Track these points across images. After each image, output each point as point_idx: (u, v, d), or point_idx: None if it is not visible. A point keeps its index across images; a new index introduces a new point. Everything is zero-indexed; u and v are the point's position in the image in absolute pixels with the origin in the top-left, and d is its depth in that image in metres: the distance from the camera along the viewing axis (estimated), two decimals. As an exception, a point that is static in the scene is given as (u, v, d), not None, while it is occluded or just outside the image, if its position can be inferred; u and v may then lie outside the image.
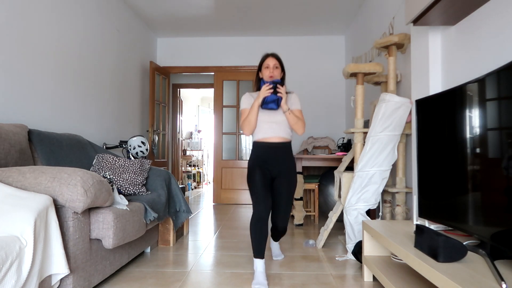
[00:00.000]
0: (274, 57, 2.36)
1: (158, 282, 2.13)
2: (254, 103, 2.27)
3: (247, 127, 2.29)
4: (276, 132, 2.28)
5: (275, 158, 2.28)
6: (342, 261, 2.54)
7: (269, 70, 2.31)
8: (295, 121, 2.28)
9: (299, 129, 2.30)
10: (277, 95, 2.24)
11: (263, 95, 2.23)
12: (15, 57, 2.59)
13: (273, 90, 2.24)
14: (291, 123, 2.28)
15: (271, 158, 2.28)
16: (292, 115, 2.28)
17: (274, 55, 2.36)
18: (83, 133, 3.48)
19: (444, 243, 1.35)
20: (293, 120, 2.28)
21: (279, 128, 2.29)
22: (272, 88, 2.24)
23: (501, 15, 1.68)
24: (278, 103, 2.26)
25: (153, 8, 4.53)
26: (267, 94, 2.22)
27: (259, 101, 2.25)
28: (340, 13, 4.62)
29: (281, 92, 2.24)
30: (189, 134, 8.90)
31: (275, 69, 2.32)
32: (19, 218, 1.41)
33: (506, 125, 1.30)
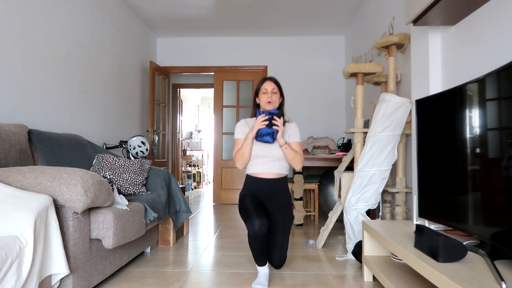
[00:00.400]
0: (273, 81, 2.22)
1: (158, 282, 2.13)
2: (248, 135, 2.12)
3: (240, 161, 2.16)
4: (270, 168, 2.15)
5: (268, 194, 2.19)
6: (342, 261, 2.54)
7: (267, 96, 2.17)
8: (292, 156, 2.14)
9: (297, 164, 2.17)
10: (272, 128, 2.08)
11: (257, 126, 2.08)
12: (15, 57, 2.59)
13: (269, 122, 2.08)
14: (288, 158, 2.15)
15: (264, 193, 2.19)
16: (289, 149, 2.12)
17: (273, 79, 2.23)
18: (83, 133, 3.48)
19: (444, 243, 1.35)
20: (289, 155, 2.13)
21: (274, 164, 2.16)
22: (268, 119, 2.08)
23: (501, 15, 1.68)
24: (273, 136, 2.11)
25: (153, 8, 4.53)
26: (262, 127, 2.08)
27: (253, 133, 2.11)
28: (340, 13, 4.63)
29: (278, 124, 2.08)
30: (189, 134, 8.90)
31: (273, 94, 2.18)
32: (19, 218, 1.41)
33: (506, 125, 1.30)
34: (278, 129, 2.09)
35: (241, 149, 2.14)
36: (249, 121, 2.28)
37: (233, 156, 2.19)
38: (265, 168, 2.15)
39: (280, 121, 2.09)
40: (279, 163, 2.17)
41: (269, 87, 2.20)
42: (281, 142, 2.11)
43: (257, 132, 2.10)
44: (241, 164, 2.15)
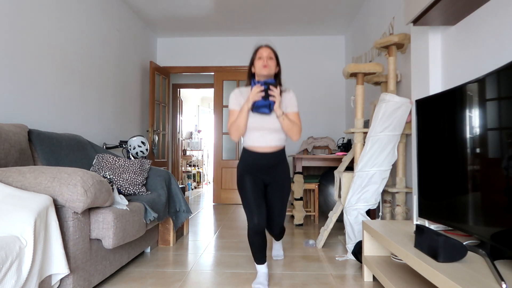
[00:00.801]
0: (268, 47, 2.09)
1: (158, 282, 2.13)
2: (244, 107, 2.00)
3: (234, 133, 2.04)
4: (267, 140, 2.05)
5: (266, 167, 2.09)
6: (342, 261, 2.54)
7: (263, 61, 2.04)
8: (290, 127, 2.02)
9: (294, 135, 2.05)
10: (269, 99, 1.98)
11: (253, 98, 1.97)
12: (15, 57, 2.59)
13: (265, 93, 1.96)
14: (285, 129, 2.03)
15: (262, 167, 2.09)
16: (286, 120, 2.01)
17: (268, 45, 2.10)
18: (83, 133, 3.48)
19: (444, 243, 1.35)
20: (287, 126, 2.02)
21: (271, 136, 2.05)
22: (264, 90, 1.96)
23: (501, 15, 1.68)
24: (270, 107, 1.99)
25: (153, 8, 4.53)
26: (258, 98, 1.96)
27: (249, 105, 1.99)
28: (340, 13, 4.63)
29: (274, 95, 1.97)
30: (189, 134, 8.90)
31: (269, 60, 2.05)
32: (19, 218, 1.41)
33: (506, 125, 1.30)
34: (275, 99, 1.98)
35: (236, 121, 2.01)
36: (243, 91, 2.13)
37: (227, 128, 2.08)
38: (262, 141, 2.05)
39: (276, 91, 1.97)
40: (276, 135, 2.06)
41: (264, 52, 2.07)
42: (278, 113, 1.99)
43: (253, 103, 1.98)
44: (236, 136, 2.04)
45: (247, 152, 2.11)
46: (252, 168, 2.09)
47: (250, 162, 2.09)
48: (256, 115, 2.04)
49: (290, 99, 2.11)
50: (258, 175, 2.10)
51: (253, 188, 2.03)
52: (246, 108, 1.99)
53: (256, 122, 2.04)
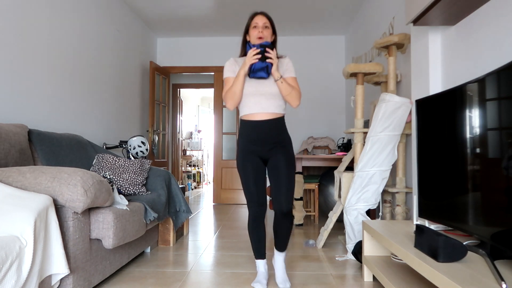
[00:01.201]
0: (264, 15, 1.98)
1: (158, 282, 2.13)
2: (240, 72, 1.89)
3: (230, 101, 1.92)
4: (264, 107, 1.91)
5: (265, 138, 1.94)
6: (342, 261, 2.54)
7: (258, 30, 1.93)
8: (289, 91, 1.90)
9: (294, 100, 1.93)
10: (266, 62, 1.86)
11: (249, 61, 1.85)
12: (15, 57, 2.59)
13: (261, 55, 1.84)
14: (284, 93, 1.91)
15: (260, 139, 1.94)
16: (284, 84, 1.89)
17: (264, 13, 1.98)
18: (83, 133, 3.48)
19: (444, 243, 1.35)
20: (286, 90, 1.90)
21: (268, 102, 1.91)
22: (260, 53, 1.84)
23: (501, 15, 1.68)
24: (268, 70, 1.88)
25: (153, 8, 4.53)
26: (254, 61, 1.85)
27: (245, 69, 1.87)
28: (340, 13, 4.63)
29: (271, 57, 1.86)
30: (189, 134, 8.90)
31: (264, 29, 1.94)
32: (19, 218, 1.41)
33: (506, 125, 1.30)
34: (272, 62, 1.87)
35: (232, 87, 1.90)
36: (239, 60, 2.04)
37: (223, 96, 1.97)
38: (260, 107, 1.91)
39: (273, 53, 1.87)
40: (275, 101, 1.93)
41: (260, 21, 1.95)
42: (276, 76, 1.88)
43: (250, 67, 1.87)
44: (232, 104, 1.92)
45: (244, 123, 1.98)
46: (251, 142, 1.96)
47: (248, 134, 1.96)
48: (252, 81, 1.93)
49: (287, 63, 2.01)
50: (258, 152, 1.97)
51: (253, 171, 1.95)
52: (243, 73, 1.88)
53: (253, 87, 1.92)
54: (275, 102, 1.93)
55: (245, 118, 1.97)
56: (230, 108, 1.94)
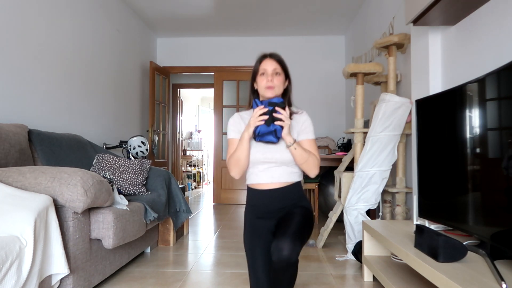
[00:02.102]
0: (274, 59, 1.63)
1: (158, 282, 2.13)
2: (244, 135, 1.56)
3: (234, 168, 1.60)
4: (275, 176, 1.59)
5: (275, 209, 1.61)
6: (342, 261, 2.54)
7: (267, 78, 1.59)
8: (304, 159, 1.55)
9: (310, 169, 1.58)
10: (274, 125, 1.52)
11: (254, 124, 1.52)
12: (15, 57, 2.59)
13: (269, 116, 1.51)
14: (298, 162, 1.57)
15: (269, 210, 1.61)
16: (299, 150, 1.54)
17: (274, 56, 1.64)
18: (83, 133, 3.48)
19: (444, 243, 1.35)
20: (300, 158, 1.55)
21: (279, 171, 1.59)
22: (268, 113, 1.51)
23: (501, 15, 1.68)
24: (277, 134, 1.53)
25: (153, 8, 4.53)
26: (260, 123, 1.52)
27: (250, 132, 1.54)
28: (340, 13, 4.62)
29: (282, 118, 1.50)
30: (189, 134, 8.90)
31: (275, 76, 1.60)
32: (19, 218, 1.41)
33: (506, 125, 1.30)
34: (283, 124, 1.51)
35: (235, 153, 1.59)
36: (244, 115, 1.73)
37: (227, 162, 1.64)
38: (268, 177, 1.60)
39: (285, 113, 1.51)
40: (287, 169, 1.60)
41: (269, 67, 1.61)
42: (288, 141, 1.54)
43: (255, 130, 1.54)
44: (236, 172, 1.61)
45: (252, 191, 1.66)
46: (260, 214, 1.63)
47: (256, 203, 1.64)
48: (260, 145, 1.60)
49: (304, 122, 1.67)
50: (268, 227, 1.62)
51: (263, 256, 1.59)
52: (247, 136, 1.55)
53: (260, 153, 1.59)
54: (288, 169, 1.61)
55: (252, 186, 1.66)
56: (235, 176, 1.62)
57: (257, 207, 1.64)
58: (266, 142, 1.58)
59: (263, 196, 1.61)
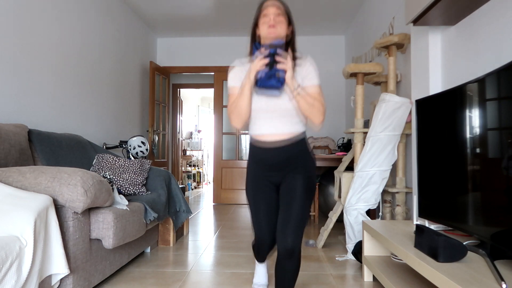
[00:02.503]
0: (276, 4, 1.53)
1: (158, 282, 2.13)
2: (244, 82, 1.49)
3: (236, 119, 1.53)
4: (278, 127, 1.52)
5: (280, 163, 1.56)
6: (342, 261, 2.54)
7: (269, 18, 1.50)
8: (309, 105, 1.47)
9: (316, 116, 1.49)
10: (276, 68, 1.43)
11: (255, 69, 1.44)
12: (15, 57, 2.59)
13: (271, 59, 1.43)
14: (303, 108, 1.48)
15: (274, 164, 1.57)
16: (304, 96, 1.46)
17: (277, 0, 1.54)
18: (83, 133, 3.48)
19: (444, 243, 1.35)
20: (305, 105, 1.47)
21: (283, 121, 1.52)
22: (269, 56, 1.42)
23: (501, 15, 1.68)
24: (279, 79, 1.45)
25: (153, 8, 4.53)
26: (262, 68, 1.44)
27: (251, 79, 1.46)
28: (340, 13, 4.62)
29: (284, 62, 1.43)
30: (189, 134, 8.90)
31: (277, 17, 1.50)
32: (19, 218, 1.41)
33: (506, 125, 1.30)
34: (286, 67, 1.43)
35: (236, 102, 1.52)
36: (246, 62, 1.63)
37: (228, 112, 1.57)
38: (272, 127, 1.52)
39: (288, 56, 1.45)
40: (292, 118, 1.52)
41: (271, 10, 1.51)
42: (292, 87, 1.46)
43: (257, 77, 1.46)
44: (238, 122, 1.54)
45: (254, 144, 1.60)
46: (262, 168, 1.60)
47: (259, 158, 1.59)
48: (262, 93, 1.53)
49: (308, 67, 1.56)
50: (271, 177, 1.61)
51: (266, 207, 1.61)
52: (248, 84, 1.47)
53: (263, 101, 1.52)
54: (292, 119, 1.53)
55: (255, 138, 1.59)
56: (236, 126, 1.56)
57: (261, 161, 1.58)
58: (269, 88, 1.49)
59: (266, 148, 1.55)
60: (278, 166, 1.57)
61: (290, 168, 1.57)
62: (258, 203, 1.62)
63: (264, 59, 1.43)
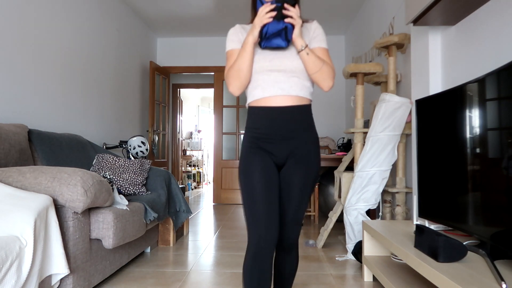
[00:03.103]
0: None
1: (158, 282, 2.13)
2: (248, 38, 1.31)
3: (234, 81, 1.35)
4: (284, 88, 1.33)
5: (285, 132, 1.35)
6: (342, 261, 2.54)
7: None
8: (318, 67, 1.32)
9: (325, 79, 1.34)
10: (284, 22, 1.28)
11: (260, 22, 1.27)
12: (15, 57, 2.59)
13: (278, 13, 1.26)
14: (311, 69, 1.33)
15: (277, 135, 1.35)
16: (312, 56, 1.31)
17: None
18: (83, 133, 3.48)
19: (444, 243, 1.35)
20: (314, 65, 1.32)
21: (289, 82, 1.34)
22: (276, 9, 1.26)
23: (501, 15, 1.68)
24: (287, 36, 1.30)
25: (153, 8, 4.53)
26: (268, 21, 1.27)
27: (255, 35, 1.29)
28: (340, 13, 4.62)
29: (292, 15, 1.27)
30: (189, 134, 8.90)
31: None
32: (19, 218, 1.41)
33: (506, 125, 1.30)
34: (294, 22, 1.27)
35: (236, 62, 1.34)
36: (247, 27, 1.47)
37: (225, 75, 1.39)
38: (277, 89, 1.33)
39: (295, 11, 1.27)
40: (299, 80, 1.35)
41: None
42: (300, 44, 1.30)
43: (261, 31, 1.29)
44: (236, 85, 1.35)
45: (255, 110, 1.38)
46: (262, 138, 1.36)
47: (258, 127, 1.36)
48: (265, 53, 1.36)
49: (315, 29, 1.42)
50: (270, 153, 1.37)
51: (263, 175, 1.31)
52: (251, 40, 1.30)
53: (267, 60, 1.35)
54: (299, 81, 1.35)
55: (256, 104, 1.37)
56: (234, 92, 1.36)
57: (261, 129, 1.35)
58: (274, 48, 1.34)
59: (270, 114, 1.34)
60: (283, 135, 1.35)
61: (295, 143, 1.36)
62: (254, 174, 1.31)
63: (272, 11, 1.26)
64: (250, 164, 1.34)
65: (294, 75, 1.35)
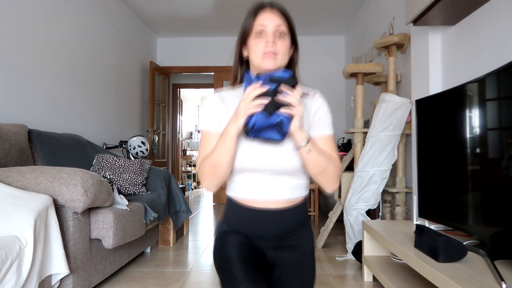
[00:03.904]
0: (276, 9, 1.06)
1: (158, 282, 2.13)
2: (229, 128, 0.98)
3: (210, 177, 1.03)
4: (275, 192, 1.04)
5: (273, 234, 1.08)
6: (342, 261, 2.54)
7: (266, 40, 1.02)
8: (321, 168, 1.00)
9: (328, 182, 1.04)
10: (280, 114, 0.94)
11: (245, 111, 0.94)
12: (15, 57, 2.59)
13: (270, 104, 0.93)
14: (313, 171, 1.02)
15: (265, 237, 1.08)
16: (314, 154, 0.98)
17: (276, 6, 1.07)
18: (83, 133, 3.48)
19: (444, 243, 1.35)
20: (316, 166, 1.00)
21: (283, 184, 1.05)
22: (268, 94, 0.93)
23: (501, 15, 1.68)
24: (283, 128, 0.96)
25: (153, 8, 4.53)
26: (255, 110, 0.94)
27: (239, 125, 0.96)
28: (340, 13, 4.62)
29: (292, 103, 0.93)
30: (189, 134, 8.90)
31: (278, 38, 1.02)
32: (19, 218, 1.41)
33: (506, 125, 1.30)
34: (293, 112, 0.93)
35: (213, 155, 1.00)
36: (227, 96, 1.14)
37: (197, 166, 1.07)
38: (267, 193, 1.04)
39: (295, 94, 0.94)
40: (290, 181, 1.05)
41: (270, 22, 1.03)
42: (300, 140, 0.97)
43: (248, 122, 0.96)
44: (212, 183, 1.04)
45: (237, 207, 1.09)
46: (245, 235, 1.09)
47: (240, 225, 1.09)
48: (253, 144, 1.02)
49: (318, 110, 1.12)
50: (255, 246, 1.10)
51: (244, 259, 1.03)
52: (234, 131, 0.97)
53: (253, 158, 1.02)
54: (292, 182, 1.06)
55: (236, 200, 1.09)
56: (209, 189, 1.06)
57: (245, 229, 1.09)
58: (265, 140, 0.99)
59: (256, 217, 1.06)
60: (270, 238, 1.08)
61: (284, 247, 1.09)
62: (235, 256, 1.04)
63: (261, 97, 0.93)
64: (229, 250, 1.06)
65: (286, 175, 1.04)
